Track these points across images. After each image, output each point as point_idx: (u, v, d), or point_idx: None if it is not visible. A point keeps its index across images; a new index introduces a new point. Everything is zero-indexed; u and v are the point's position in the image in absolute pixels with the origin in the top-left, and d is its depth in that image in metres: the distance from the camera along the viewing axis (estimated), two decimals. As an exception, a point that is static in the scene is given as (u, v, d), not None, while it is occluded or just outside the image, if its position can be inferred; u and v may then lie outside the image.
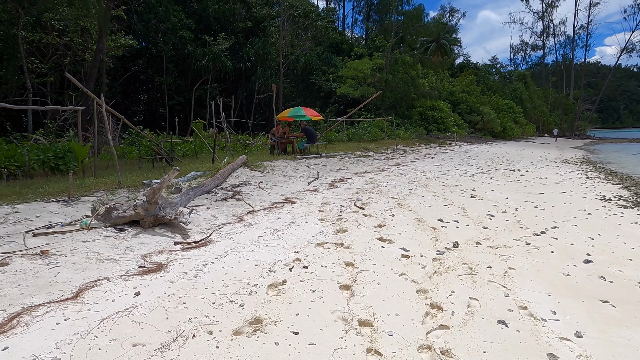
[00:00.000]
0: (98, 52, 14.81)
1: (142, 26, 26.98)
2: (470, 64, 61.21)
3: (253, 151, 15.11)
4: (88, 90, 15.41)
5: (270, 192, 7.59)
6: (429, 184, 9.96)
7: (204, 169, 8.67)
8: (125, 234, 4.37)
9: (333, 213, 6.09)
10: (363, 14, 68.32)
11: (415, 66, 31.48)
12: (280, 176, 9.25)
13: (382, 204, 7.08)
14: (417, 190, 8.76)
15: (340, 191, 8.12)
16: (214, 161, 9.30)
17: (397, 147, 19.29)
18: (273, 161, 11.35)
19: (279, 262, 3.84)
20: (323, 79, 34.49)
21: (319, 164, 11.66)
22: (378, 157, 15.42)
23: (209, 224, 5.07)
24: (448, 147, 25.23)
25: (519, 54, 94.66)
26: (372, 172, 11.37)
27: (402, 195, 8.03)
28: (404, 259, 4.18)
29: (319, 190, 8.07)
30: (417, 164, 14.68)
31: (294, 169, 10.39)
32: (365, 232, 5.09)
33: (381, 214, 6.21)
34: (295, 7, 33.10)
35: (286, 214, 5.80)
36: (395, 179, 10.31)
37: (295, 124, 16.35)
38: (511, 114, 42.47)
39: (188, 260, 3.72)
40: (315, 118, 14.72)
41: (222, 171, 8.01)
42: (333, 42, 42.31)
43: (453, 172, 12.93)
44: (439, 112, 32.36)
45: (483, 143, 32.56)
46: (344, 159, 13.45)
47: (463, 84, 39.80)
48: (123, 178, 7.22)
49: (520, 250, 4.70)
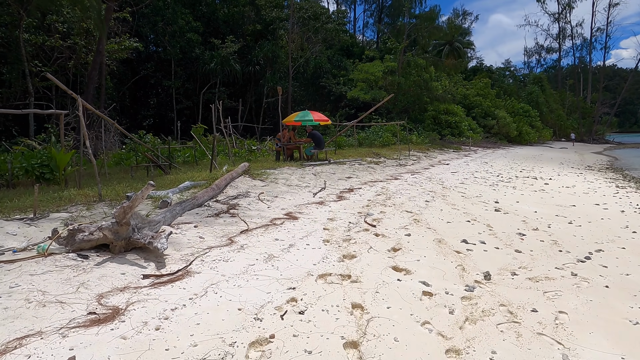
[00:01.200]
0: (98, 55, 14.30)
1: (148, 29, 26.58)
2: (484, 67, 59.97)
3: (259, 157, 14.40)
4: (88, 94, 14.91)
5: (270, 205, 6.82)
6: (447, 194, 9.10)
7: (200, 178, 7.95)
8: (88, 263, 3.63)
9: (340, 232, 5.29)
10: (374, 17, 67.63)
11: (429, 69, 30.58)
12: (284, 186, 8.48)
13: (396, 219, 6.26)
14: (435, 203, 7.92)
15: (348, 204, 7.32)
16: (212, 169, 8.58)
17: (410, 153, 18.42)
18: (277, 169, 10.60)
19: (269, 304, 3.05)
20: (333, 82, 33.77)
21: (326, 172, 10.88)
22: (390, 164, 14.58)
23: (193, 247, 4.32)
24: (463, 152, 24.26)
25: (534, 57, 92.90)
26: (384, 181, 10.54)
27: (418, 209, 7.20)
28: (425, 298, 3.37)
29: (325, 202, 7.27)
30: (432, 171, 13.81)
31: (299, 178, 9.62)
32: (377, 259, 4.29)
33: (395, 233, 5.39)
34: (305, 10, 32.48)
35: (285, 234, 5.02)
36: (409, 189, 9.47)
37: (301, 129, 15.62)
38: (527, 118, 41.22)
39: (154, 302, 2.96)
40: (323, 122, 13.97)
41: (219, 181, 7.27)
42: (344, 45, 41.58)
43: (471, 180, 12.04)
44: (453, 116, 31.37)
45: (499, 148, 31.46)
46: (354, 166, 12.65)
47: (477, 87, 38.73)
48: (108, 189, 6.53)
49: (567, 284, 3.84)
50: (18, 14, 16.44)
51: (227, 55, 28.48)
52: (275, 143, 13.70)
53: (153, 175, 8.67)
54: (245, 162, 11.22)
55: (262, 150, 15.93)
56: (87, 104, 7.19)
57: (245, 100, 34.13)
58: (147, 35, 27.73)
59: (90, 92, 14.67)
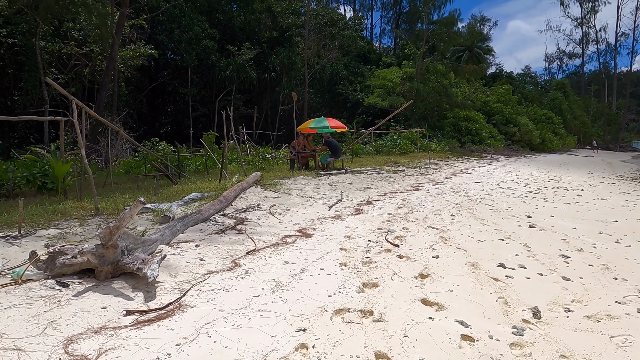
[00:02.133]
0: (110, 61, 14.10)
1: (165, 36, 26.57)
2: (504, 73, 58.64)
3: (273, 165, 13.91)
4: (100, 101, 14.71)
5: (282, 219, 6.26)
6: (474, 207, 8.41)
7: (208, 189, 7.46)
8: (66, 293, 3.12)
9: (358, 253, 4.70)
10: (392, 24, 67.19)
11: (448, 75, 29.81)
12: (298, 197, 7.93)
13: (420, 237, 5.63)
14: (461, 217, 7.25)
15: (367, 218, 6.71)
16: (221, 179, 8.09)
17: (430, 161, 17.70)
18: (291, 178, 10.07)
19: (274, 352, 2.48)
20: (350, 89, 33.29)
21: (343, 182, 10.30)
22: (410, 173, 13.91)
23: (191, 272, 3.78)
24: (485, 160, 23.37)
25: (555, 63, 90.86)
26: (405, 192, 9.90)
27: (444, 224, 6.54)
28: (466, 345, 2.74)
29: (342, 217, 6.68)
30: (454, 180, 13.09)
31: (314, 188, 9.06)
32: (403, 288, 3.68)
33: (421, 255, 4.77)
34: (321, 16, 32.15)
35: (297, 255, 4.45)
36: (432, 201, 8.81)
37: (317, 137, 15.09)
38: (550, 125, 39.95)
39: (132, 349, 2.42)
40: (340, 130, 13.41)
41: (227, 193, 6.76)
42: (360, 52, 41.13)
43: (497, 191, 11.29)
44: (473, 123, 30.48)
45: (521, 156, 30.39)
46: (372, 175, 12.04)
47: (498, 93, 37.71)
48: (109, 201, 6.08)
49: (636, 326, 3.17)
50: (34, 21, 16.43)
51: (243, 62, 28.30)
52: (290, 151, 13.19)
53: (159, 186, 8.23)
54: (257, 171, 10.74)
55: (276, 159, 15.44)
56: (89, 110, 6.80)
57: (260, 108, 33.89)
58: (164, 42, 27.74)
59: (103, 98, 14.47)
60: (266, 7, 32.23)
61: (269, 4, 31.98)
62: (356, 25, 37.17)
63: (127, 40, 19.68)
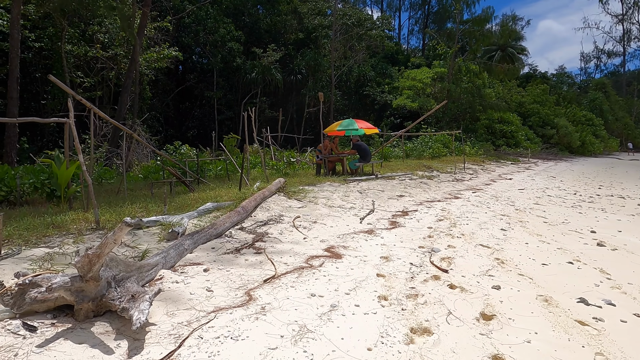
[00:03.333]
0: (132, 63, 13.76)
1: (190, 39, 26.39)
2: (538, 73, 56.14)
3: (297, 170, 13.18)
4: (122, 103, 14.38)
5: (308, 234, 5.48)
6: (524, 219, 7.40)
7: (227, 197, 6.77)
8: (30, 341, 2.43)
9: (400, 281, 3.85)
10: (419, 25, 65.85)
11: (481, 75, 28.44)
12: (325, 207, 7.14)
13: (471, 258, 4.73)
14: (514, 232, 6.28)
15: (405, 233, 5.85)
16: (241, 187, 7.39)
17: (465, 166, 16.58)
18: (317, 185, 9.29)
19: None
20: (377, 90, 32.33)
21: (374, 189, 9.44)
22: (445, 179, 12.90)
23: (194, 308, 3.04)
24: (522, 165, 21.96)
25: (592, 62, 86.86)
26: (443, 201, 8.95)
27: (496, 241, 5.61)
28: None
29: (375, 231, 5.84)
30: (494, 187, 12.00)
31: (343, 196, 8.24)
32: (464, 336, 2.82)
33: (477, 284, 3.88)
34: (348, 16, 31.37)
35: (325, 285, 3.64)
36: (476, 212, 7.84)
37: (343, 140, 14.26)
38: (591, 126, 37.71)
39: None
40: (370, 131, 12.56)
41: (247, 202, 6.04)
42: (388, 53, 40.10)
43: (545, 199, 10.16)
44: (508, 125, 28.96)
45: (561, 160, 28.63)
46: (405, 182, 11.12)
47: (534, 94, 35.89)
48: (115, 212, 5.46)
49: None
50: (60, 24, 16.35)
51: (269, 64, 27.84)
52: (316, 155, 12.42)
53: (175, 193, 7.61)
54: (281, 176, 10.03)
55: (301, 163, 14.72)
56: (97, 111, 6.23)
57: (286, 111, 33.37)
58: (190, 45, 27.60)
59: (125, 101, 14.12)
60: (292, 8, 31.74)
61: (295, 5, 31.47)
62: (384, 25, 36.16)
63: (151, 43, 19.46)
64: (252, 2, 32.20)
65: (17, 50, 11.34)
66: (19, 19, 11.28)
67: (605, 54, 78.95)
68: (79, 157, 4.43)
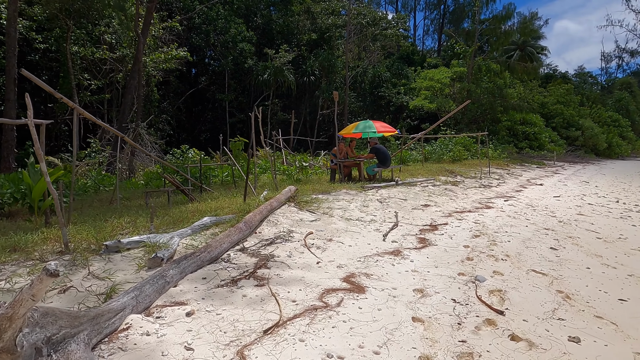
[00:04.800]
0: (136, 62, 13.05)
1: (201, 39, 25.77)
2: (558, 73, 54.23)
3: (311, 175, 12.29)
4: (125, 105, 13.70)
5: (322, 255, 4.57)
6: (573, 234, 6.36)
7: (229, 209, 5.90)
8: None
9: (445, 330, 2.91)
10: (434, 25, 64.66)
11: (503, 74, 27.20)
12: (341, 221, 6.21)
13: (527, 291, 3.76)
14: (566, 251, 5.27)
15: (438, 254, 4.89)
16: (245, 197, 6.51)
17: (490, 170, 15.47)
18: (332, 193, 8.38)
19: None
20: (393, 91, 31.28)
21: (395, 197, 8.48)
22: (471, 185, 11.85)
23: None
24: (549, 168, 20.68)
25: (613, 62, 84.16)
26: (474, 211, 7.94)
27: (550, 265, 4.61)
28: None
29: (402, 251, 4.90)
30: (527, 194, 10.91)
31: (361, 207, 7.31)
32: None
33: (546, 333, 2.92)
34: (363, 15, 30.44)
35: (346, 338, 2.72)
36: (514, 224, 6.82)
37: (360, 143, 13.30)
38: (617, 128, 36.01)
39: None
40: (388, 133, 11.62)
41: (251, 216, 5.17)
42: (403, 53, 39.01)
43: (587, 209, 9.06)
44: (531, 126, 27.65)
45: (588, 163, 27.17)
46: (428, 189, 10.13)
47: (557, 94, 34.37)
48: (97, 226, 4.64)
49: None
50: (66, 25, 15.80)
51: (281, 65, 27.07)
52: (330, 159, 11.49)
53: (173, 204, 6.78)
54: (291, 184, 9.15)
55: (314, 167, 13.82)
56: (82, 111, 5.45)
57: (299, 113, 32.57)
58: (200, 46, 26.99)
59: (128, 102, 13.43)
60: (305, 8, 30.95)
61: (307, 4, 30.68)
62: (399, 25, 35.10)
63: (160, 44, 18.83)
64: (265, 2, 31.54)
65: (15, 49, 10.71)
66: (16, 16, 10.68)
67: (628, 52, 76.32)
68: (41, 164, 3.61)
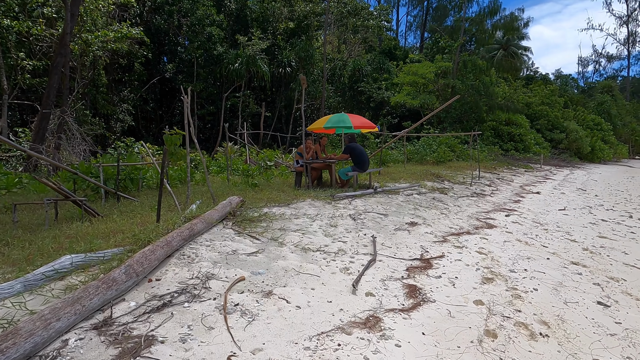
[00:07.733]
0: (64, 36, 10.78)
1: (162, 20, 23.32)
2: (539, 75, 53.62)
3: (274, 177, 10.34)
4: (50, 86, 11.38)
5: (244, 337, 2.65)
6: (612, 272, 4.65)
7: (130, 234, 3.93)
8: None
9: None
10: (418, 22, 63.43)
11: (489, 71, 25.80)
12: (295, 252, 4.30)
13: None
14: (619, 309, 3.52)
15: (439, 320, 3.04)
16: (159, 217, 4.50)
17: (479, 175, 13.85)
18: (293, 204, 6.48)
19: None
20: (374, 87, 29.52)
21: (373, 212, 6.63)
22: (461, 192, 10.14)
23: None
24: (538, 173, 19.30)
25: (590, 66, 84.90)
26: (474, 232, 6.14)
27: (610, 341, 2.84)
28: None
29: (381, 319, 3.01)
30: (527, 206, 9.25)
31: (327, 227, 5.42)
32: None
33: None
34: (344, 3, 28.51)
35: None
36: (531, 256, 5.05)
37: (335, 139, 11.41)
38: (600, 131, 35.30)
39: None
40: (367, 130, 9.78)
41: (142, 255, 3.23)
42: (385, 48, 37.32)
43: (604, 227, 7.42)
44: (517, 127, 26.35)
45: (573, 167, 26.10)
46: (413, 198, 8.33)
47: (541, 94, 33.30)
48: None
49: None
50: (-8, -8, 13.34)
51: (254, 54, 24.89)
52: (295, 160, 9.51)
53: (63, 219, 4.75)
54: (244, 190, 7.21)
55: (281, 168, 11.87)
56: None
57: (274, 107, 30.48)
58: (162, 28, 24.51)
59: (53, 85, 11.10)
60: (282, -7, 28.84)
61: (285, -10, 28.59)
62: (382, 16, 33.30)
63: (109, 21, 16.47)
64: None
65: None
66: None
67: (604, 57, 76.85)
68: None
